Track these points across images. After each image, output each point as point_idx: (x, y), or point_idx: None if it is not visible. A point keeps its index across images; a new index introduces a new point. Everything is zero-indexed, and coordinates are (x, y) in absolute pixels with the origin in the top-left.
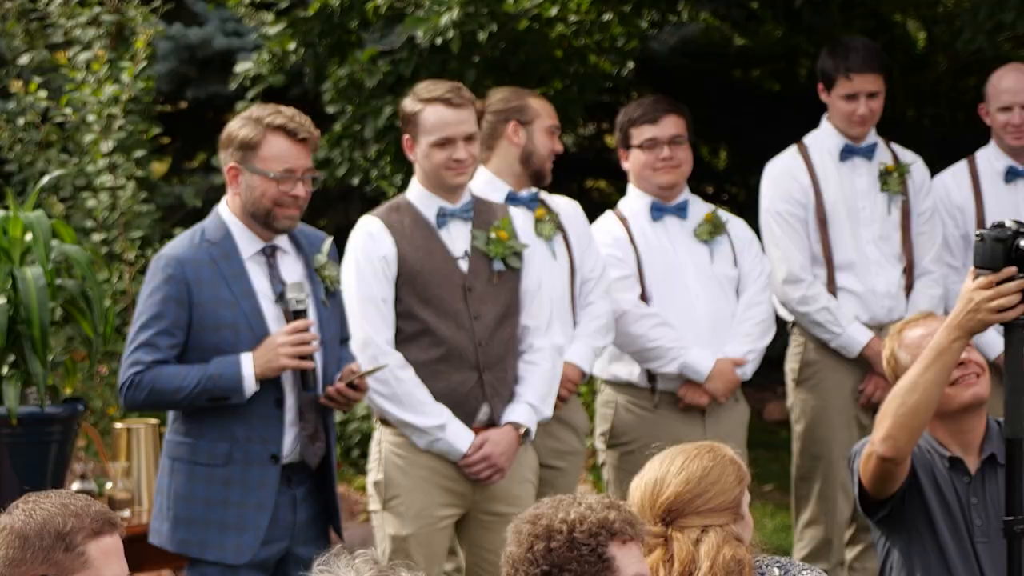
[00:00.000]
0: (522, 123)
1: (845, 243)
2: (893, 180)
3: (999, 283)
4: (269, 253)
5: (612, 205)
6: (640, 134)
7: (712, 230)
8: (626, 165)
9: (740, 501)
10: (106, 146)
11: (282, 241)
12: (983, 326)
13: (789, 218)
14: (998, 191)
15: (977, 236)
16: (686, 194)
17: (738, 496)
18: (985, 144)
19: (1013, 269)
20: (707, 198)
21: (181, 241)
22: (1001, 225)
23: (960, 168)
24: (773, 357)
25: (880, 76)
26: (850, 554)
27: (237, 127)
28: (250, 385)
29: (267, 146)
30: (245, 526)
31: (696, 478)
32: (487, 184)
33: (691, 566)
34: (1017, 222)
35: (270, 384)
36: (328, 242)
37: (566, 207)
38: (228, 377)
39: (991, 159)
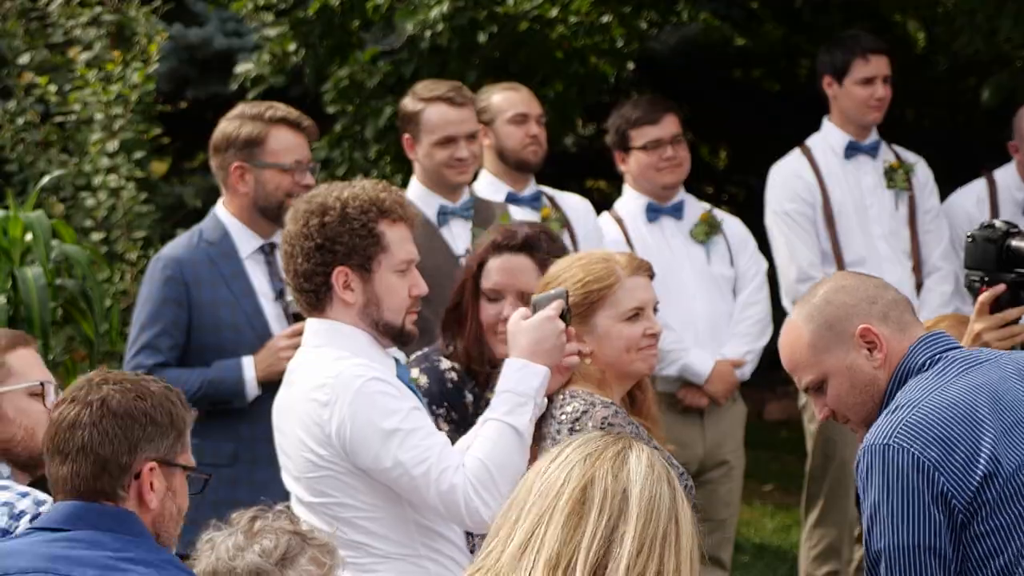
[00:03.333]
0: (485, 123)
1: (855, 240)
2: (899, 176)
3: (1008, 323)
4: (268, 251)
5: (612, 205)
6: (642, 135)
7: (708, 230)
8: (623, 167)
9: (588, 313)
10: (112, 145)
11: (280, 239)
12: None
13: (798, 217)
14: (1016, 218)
15: (968, 237)
16: (682, 194)
17: (583, 307)
18: (995, 156)
19: (1021, 310)
20: (707, 198)
21: (179, 242)
22: (991, 226)
23: (980, 191)
24: (773, 356)
25: (889, 62)
26: (860, 552)
27: (235, 127)
28: (252, 389)
29: (273, 139)
30: None
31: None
32: (488, 186)
33: None
34: (1007, 222)
35: (274, 382)
36: None
37: (576, 205)
38: (230, 381)
39: (1011, 188)
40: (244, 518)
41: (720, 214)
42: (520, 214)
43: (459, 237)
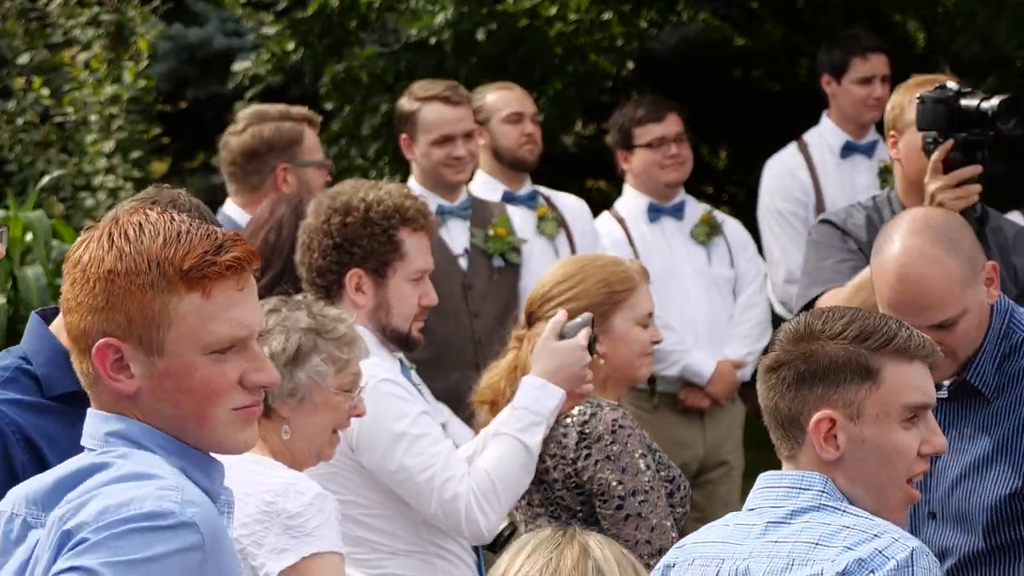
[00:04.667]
0: (480, 123)
1: None
2: (893, 179)
3: (963, 181)
4: None
5: (612, 205)
6: (646, 133)
7: (709, 231)
8: (625, 166)
9: (608, 314)
10: (108, 146)
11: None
12: None
13: (790, 217)
14: None
15: (918, 98)
16: (682, 194)
17: (603, 307)
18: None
19: (977, 168)
20: (707, 198)
21: None
22: (943, 86)
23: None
24: None
25: (888, 61)
26: None
27: (271, 130)
28: None
29: (308, 137)
30: None
31: (553, 280)
32: (484, 185)
33: (524, 371)
34: (959, 82)
35: None
36: None
37: (572, 205)
38: None
39: None
40: None
41: (721, 215)
42: (517, 214)
43: (457, 237)
